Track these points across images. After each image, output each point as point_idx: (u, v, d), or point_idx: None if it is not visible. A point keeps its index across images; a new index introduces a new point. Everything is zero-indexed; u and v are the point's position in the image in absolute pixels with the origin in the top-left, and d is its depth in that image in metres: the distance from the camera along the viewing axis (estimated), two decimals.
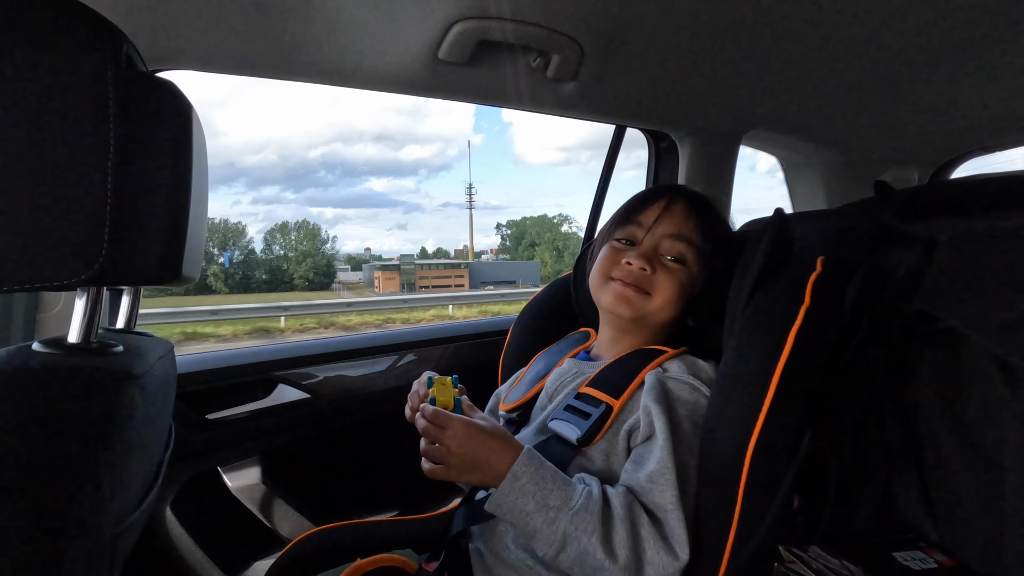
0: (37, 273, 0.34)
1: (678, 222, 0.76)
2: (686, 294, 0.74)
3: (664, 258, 0.74)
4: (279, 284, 33.86)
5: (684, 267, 0.74)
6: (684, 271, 0.74)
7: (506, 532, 0.68)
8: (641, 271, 0.73)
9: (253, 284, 34.96)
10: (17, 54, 0.33)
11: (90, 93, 0.35)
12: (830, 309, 0.59)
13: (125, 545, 0.41)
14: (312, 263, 37.92)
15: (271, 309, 10.14)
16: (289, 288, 29.69)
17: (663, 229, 0.75)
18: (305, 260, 37.80)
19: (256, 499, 1.03)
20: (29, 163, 0.33)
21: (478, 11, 0.76)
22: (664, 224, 0.75)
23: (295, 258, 38.26)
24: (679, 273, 0.74)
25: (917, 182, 1.57)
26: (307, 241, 39.06)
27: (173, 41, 0.75)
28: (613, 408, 0.66)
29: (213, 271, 33.27)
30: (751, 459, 0.53)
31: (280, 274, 37.26)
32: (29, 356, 0.38)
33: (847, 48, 0.94)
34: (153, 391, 0.46)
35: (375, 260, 43.34)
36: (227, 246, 37.78)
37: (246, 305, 11.07)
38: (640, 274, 0.73)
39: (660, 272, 0.73)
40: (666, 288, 0.73)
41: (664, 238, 0.75)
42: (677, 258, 0.74)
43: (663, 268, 0.74)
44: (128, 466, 0.39)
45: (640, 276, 0.73)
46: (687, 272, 0.74)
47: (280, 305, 10.07)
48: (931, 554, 0.53)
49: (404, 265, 33.74)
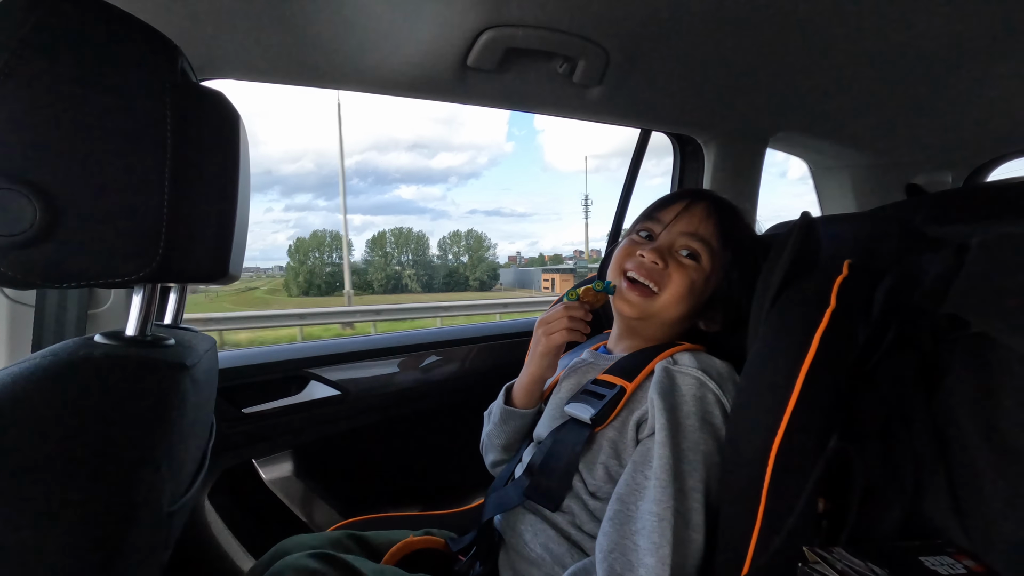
0: (102, 270, 0.37)
1: (696, 222, 0.77)
2: (696, 293, 0.75)
3: (678, 254, 0.75)
4: (455, 285, 36.46)
5: (697, 265, 0.75)
6: (696, 269, 0.75)
7: (526, 529, 0.69)
8: (653, 264, 0.74)
9: (435, 285, 37.58)
10: (86, 72, 0.36)
11: (150, 105, 0.37)
12: (856, 312, 0.59)
13: (178, 524, 0.44)
14: (486, 267, 43.27)
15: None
16: (464, 288, 31.72)
17: (680, 226, 0.77)
18: (480, 265, 43.35)
19: (289, 491, 1.07)
20: (96, 171, 0.36)
21: (505, 19, 0.78)
22: (682, 222, 0.77)
23: (470, 263, 43.97)
24: (691, 270, 0.74)
25: (951, 186, 1.53)
26: (476, 248, 44.57)
27: (218, 52, 0.79)
28: (626, 390, 0.68)
29: (408, 274, 38.43)
30: (775, 461, 0.53)
31: (457, 276, 42.68)
32: (93, 347, 0.41)
33: (878, 49, 0.93)
34: (201, 381, 0.49)
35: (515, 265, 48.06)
36: (413, 252, 43.62)
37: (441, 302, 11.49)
38: (652, 267, 0.74)
39: (672, 267, 0.74)
40: (676, 284, 0.73)
41: (680, 235, 0.76)
42: (691, 254, 0.75)
43: (675, 263, 0.75)
44: (181, 449, 0.42)
45: (652, 269, 0.74)
46: (699, 271, 0.75)
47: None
48: (960, 559, 0.53)
49: (579, 268, 36.27)
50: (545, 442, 0.71)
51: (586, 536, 0.66)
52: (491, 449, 0.84)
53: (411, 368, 1.20)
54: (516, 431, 0.81)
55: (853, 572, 0.49)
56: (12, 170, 0.34)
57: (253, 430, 1.01)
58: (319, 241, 46.07)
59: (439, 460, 1.24)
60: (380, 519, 0.87)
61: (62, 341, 0.73)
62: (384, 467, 1.20)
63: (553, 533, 0.67)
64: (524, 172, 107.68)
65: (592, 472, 0.66)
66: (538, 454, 0.71)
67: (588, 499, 0.66)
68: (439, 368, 1.23)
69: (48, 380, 0.35)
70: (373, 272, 42.21)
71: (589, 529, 0.66)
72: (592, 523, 0.66)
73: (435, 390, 1.22)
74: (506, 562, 0.70)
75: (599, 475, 0.66)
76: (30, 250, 0.35)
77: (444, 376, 1.24)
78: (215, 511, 0.97)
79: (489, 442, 0.84)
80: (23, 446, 0.31)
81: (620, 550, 0.57)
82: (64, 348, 0.40)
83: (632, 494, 0.60)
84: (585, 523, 0.66)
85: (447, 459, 1.22)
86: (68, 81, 0.35)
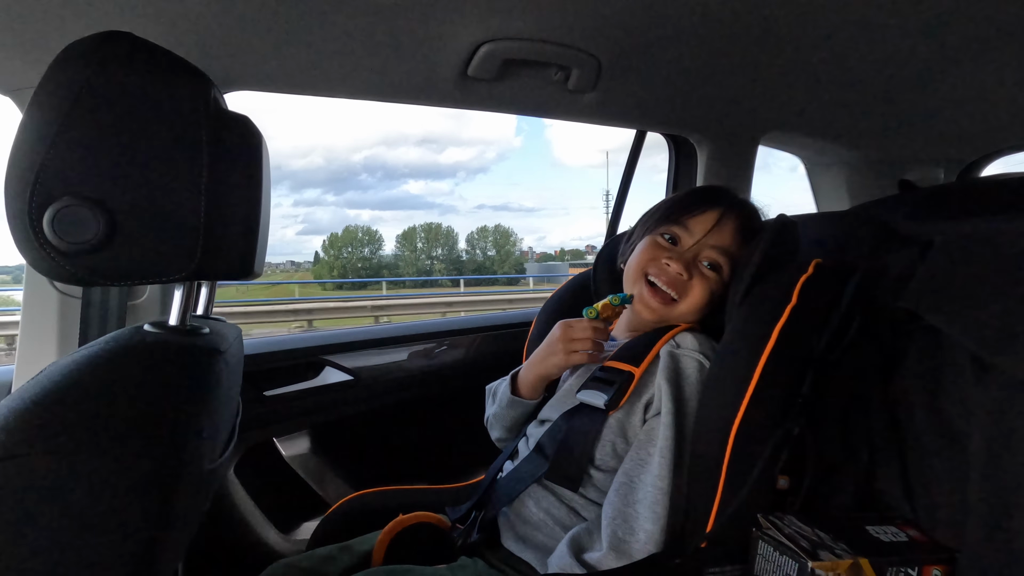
0: (152, 270, 0.44)
1: (727, 236, 0.78)
2: (713, 301, 0.78)
3: (701, 264, 0.77)
4: (483, 281, 37.43)
5: (718, 275, 0.77)
6: (717, 280, 0.77)
7: (528, 496, 0.75)
8: (678, 275, 0.76)
9: (465, 279, 39.08)
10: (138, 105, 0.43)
11: (189, 131, 0.44)
12: (818, 309, 0.64)
13: (215, 481, 0.52)
14: (514, 261, 44.66)
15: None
16: (493, 282, 32.48)
17: (711, 240, 0.78)
18: (508, 259, 44.91)
19: (306, 467, 1.16)
20: (146, 188, 0.43)
21: (502, 33, 0.83)
22: (713, 236, 0.78)
23: (498, 257, 45.29)
24: (712, 281, 0.77)
25: (944, 181, 1.56)
26: (503, 243, 46.06)
27: (236, 67, 0.86)
28: (634, 375, 0.72)
29: (438, 268, 40.05)
30: (735, 435, 0.60)
31: (485, 270, 43.71)
32: (144, 335, 0.49)
33: (868, 47, 0.95)
34: (232, 364, 0.57)
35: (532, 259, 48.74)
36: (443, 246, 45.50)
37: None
38: (676, 278, 0.76)
39: (696, 279, 0.76)
40: (698, 295, 0.76)
41: (709, 248, 0.77)
42: (714, 266, 0.77)
43: (699, 275, 0.77)
44: (217, 419, 0.50)
45: (676, 279, 0.76)
46: (719, 281, 0.77)
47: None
48: (904, 529, 0.58)
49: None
50: (559, 425, 0.75)
51: (588, 502, 0.72)
52: (496, 428, 0.90)
53: (419, 355, 1.28)
54: (521, 416, 0.86)
55: (800, 536, 0.55)
56: (80, 189, 0.41)
57: (274, 411, 1.10)
58: (351, 236, 47.43)
59: (444, 440, 1.32)
60: (387, 492, 0.95)
61: (107, 330, 0.82)
62: (393, 446, 1.28)
63: (554, 499, 0.73)
64: (533, 167, 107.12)
65: (601, 450, 0.71)
66: (550, 437, 0.75)
67: (592, 471, 0.72)
68: (445, 356, 1.31)
69: (114, 361, 0.43)
70: (404, 267, 43.01)
71: (592, 496, 0.72)
72: (594, 492, 0.72)
73: (441, 376, 1.30)
74: (506, 525, 0.76)
75: (606, 451, 0.71)
76: (94, 255, 0.42)
77: (450, 363, 1.32)
78: (240, 483, 1.06)
79: (495, 421, 0.90)
80: (98, 412, 0.39)
81: (623, 517, 0.65)
82: (123, 335, 0.47)
83: (636, 468, 0.67)
84: (588, 492, 0.72)
85: (451, 440, 1.29)
86: (123, 115, 0.42)
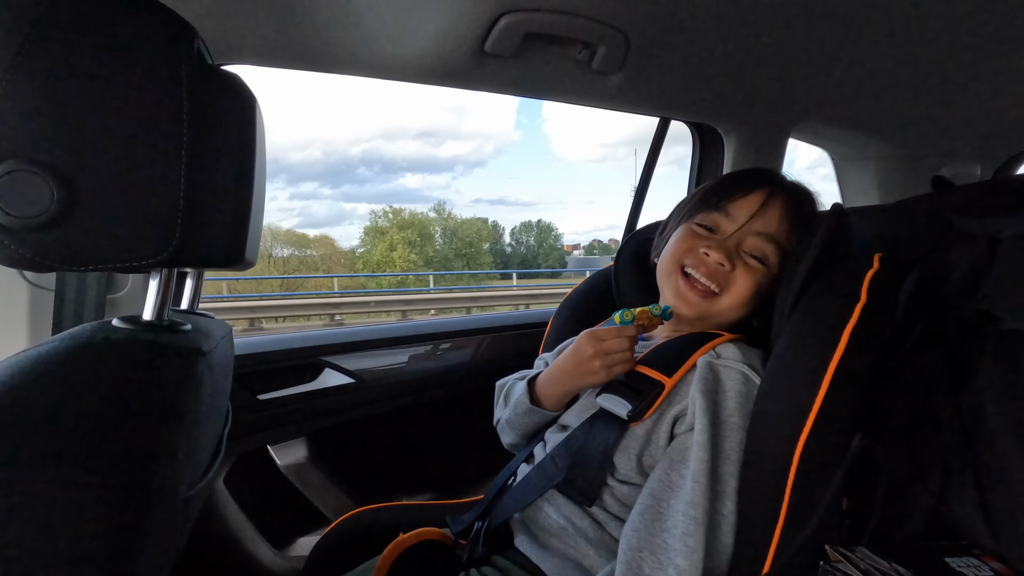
0: (119, 254, 0.37)
1: (774, 222, 0.69)
2: (760, 295, 0.69)
3: (745, 254, 0.69)
4: (527, 275, 38.51)
5: (766, 268, 0.69)
6: (765, 272, 0.69)
7: (546, 503, 0.68)
8: (719, 266, 0.68)
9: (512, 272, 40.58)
10: (102, 53, 0.35)
11: (166, 87, 0.37)
12: (887, 308, 0.57)
13: (195, 509, 0.44)
14: (557, 255, 46.89)
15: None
16: (536, 276, 33.44)
17: (756, 226, 0.69)
18: (552, 253, 47.06)
19: (302, 477, 1.08)
20: (113, 154, 0.36)
21: (524, 4, 0.76)
22: (758, 222, 0.69)
23: (542, 252, 47.31)
24: (759, 273, 0.68)
25: (980, 178, 1.50)
26: (545, 237, 48.41)
27: (235, 37, 0.79)
28: (665, 387, 0.64)
29: (487, 262, 41.06)
30: (800, 458, 0.52)
31: (529, 264, 45.61)
32: (111, 331, 0.41)
33: (907, 34, 0.90)
34: (218, 367, 0.49)
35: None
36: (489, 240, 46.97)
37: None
38: (717, 268, 0.68)
39: (739, 269, 0.68)
40: (742, 287, 0.68)
41: (753, 235, 0.69)
42: (760, 258, 0.69)
43: (743, 265, 0.68)
44: (197, 435, 0.42)
45: (716, 271, 0.68)
46: (767, 273, 0.69)
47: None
48: (987, 561, 0.52)
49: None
50: (576, 435, 0.68)
51: (610, 516, 0.65)
52: (509, 434, 0.82)
53: (424, 357, 1.20)
54: (539, 424, 0.78)
55: (877, 572, 0.48)
56: (30, 151, 0.33)
57: (268, 416, 1.02)
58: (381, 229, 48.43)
59: (452, 449, 1.25)
60: (390, 508, 0.87)
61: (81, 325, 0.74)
62: (397, 455, 1.21)
63: (576, 508, 0.66)
64: (531, 161, 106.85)
65: (623, 461, 0.64)
66: (567, 447, 0.68)
67: (616, 484, 0.65)
68: (452, 357, 1.24)
69: (65, 364, 0.35)
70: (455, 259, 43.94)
71: (616, 511, 0.65)
72: (619, 506, 0.65)
73: (448, 379, 1.23)
74: (523, 530, 0.69)
75: (631, 465, 0.64)
76: (47, 233, 0.34)
77: (457, 365, 1.24)
78: (230, 495, 0.99)
79: (508, 427, 0.82)
80: (41, 431, 0.31)
81: (650, 548, 0.55)
82: (82, 332, 0.40)
83: (665, 491, 0.58)
84: (611, 505, 0.65)
85: (460, 448, 1.22)
86: (85, 62, 0.35)
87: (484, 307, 11.18)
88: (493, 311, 10.54)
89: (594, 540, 0.64)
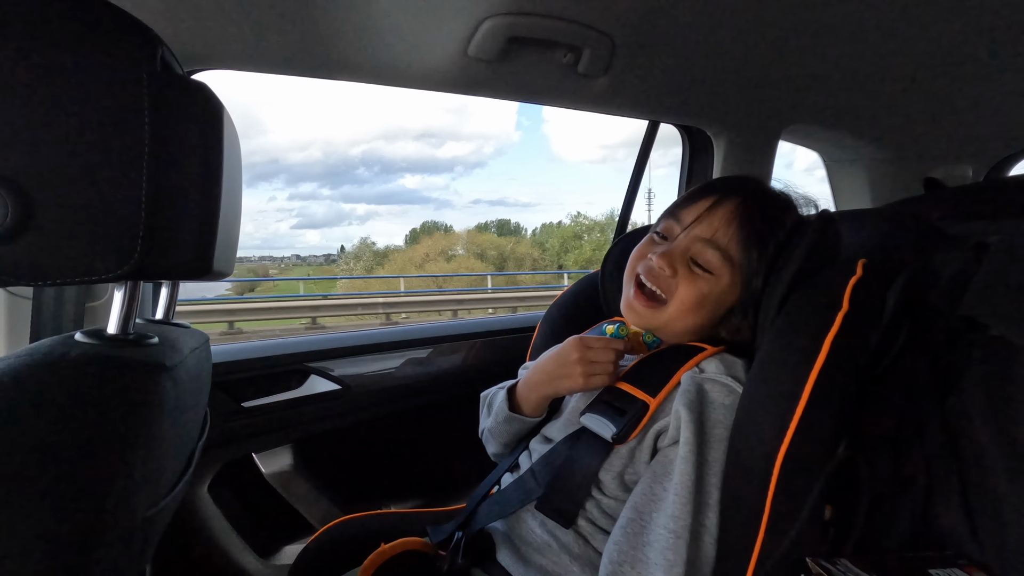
0: (78, 268, 0.36)
1: (716, 226, 0.68)
2: (708, 305, 0.68)
3: (691, 262, 0.68)
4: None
5: (711, 277, 0.67)
6: (710, 281, 0.67)
7: (530, 517, 0.68)
8: (660, 271, 0.68)
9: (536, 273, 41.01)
10: (55, 58, 0.34)
11: (126, 96, 0.36)
12: (870, 316, 0.56)
13: (157, 528, 0.43)
14: (577, 255, 47.29)
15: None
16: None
17: (698, 231, 0.69)
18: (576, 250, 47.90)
19: (288, 485, 1.07)
20: (68, 164, 0.35)
21: (508, 7, 0.76)
22: (701, 226, 0.69)
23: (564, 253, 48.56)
24: (702, 283, 0.67)
25: (972, 180, 1.49)
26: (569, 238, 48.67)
27: (209, 41, 0.78)
28: (649, 407, 0.63)
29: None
30: (780, 468, 0.51)
31: (552, 265, 46.49)
32: (71, 346, 0.40)
33: (896, 36, 0.90)
34: (185, 381, 0.48)
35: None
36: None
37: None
38: (659, 274, 0.68)
39: (682, 277, 0.67)
40: (683, 295, 0.67)
41: (696, 240, 0.68)
42: (704, 266, 0.67)
43: (685, 272, 0.67)
44: (160, 452, 0.41)
45: (659, 276, 0.68)
46: (713, 283, 0.67)
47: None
48: (972, 572, 0.51)
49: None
50: (558, 450, 0.68)
51: (597, 529, 0.64)
52: (492, 443, 0.82)
53: (412, 363, 1.19)
54: (520, 432, 0.78)
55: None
56: None
57: (253, 424, 1.01)
58: (427, 232, 48.68)
59: (440, 455, 1.23)
60: (375, 516, 0.86)
61: (59, 334, 0.73)
62: (384, 462, 1.20)
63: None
64: (530, 162, 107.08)
65: (607, 478, 0.64)
66: (546, 462, 0.68)
67: (601, 497, 0.64)
68: (440, 363, 1.22)
69: (19, 384, 0.34)
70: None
71: (603, 524, 0.64)
72: (604, 518, 0.64)
73: (436, 385, 1.22)
74: (506, 543, 0.69)
75: (614, 482, 0.64)
76: (2, 248, 0.33)
77: (445, 371, 1.23)
78: (214, 503, 0.98)
79: (490, 436, 0.82)
80: None
81: (631, 562, 0.55)
82: (40, 348, 0.38)
83: (648, 504, 0.58)
84: (597, 518, 0.64)
85: (448, 454, 1.21)
86: (39, 72, 0.34)
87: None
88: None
89: (578, 556, 0.63)
